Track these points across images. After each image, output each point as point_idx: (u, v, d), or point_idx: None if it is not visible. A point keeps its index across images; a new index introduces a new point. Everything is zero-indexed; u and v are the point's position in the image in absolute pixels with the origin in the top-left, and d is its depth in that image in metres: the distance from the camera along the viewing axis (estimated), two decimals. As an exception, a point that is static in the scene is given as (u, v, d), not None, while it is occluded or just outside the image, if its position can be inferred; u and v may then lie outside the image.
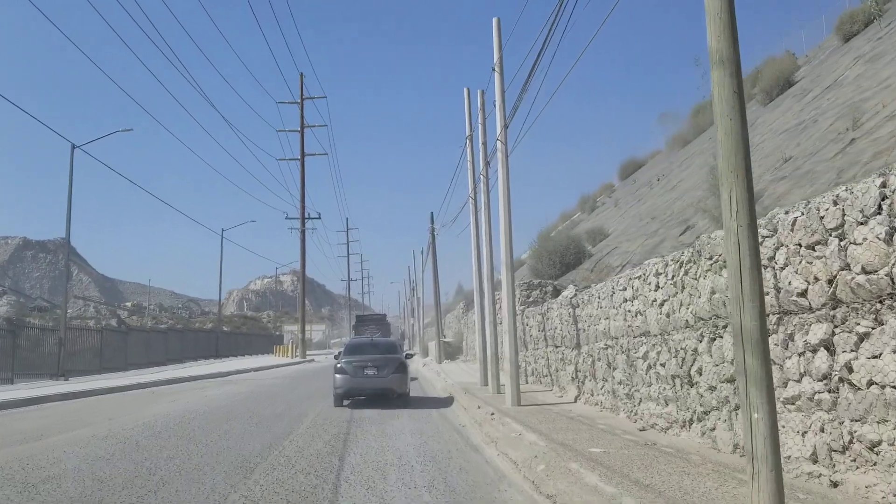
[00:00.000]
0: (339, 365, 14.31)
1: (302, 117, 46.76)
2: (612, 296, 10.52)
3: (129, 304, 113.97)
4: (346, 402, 14.39)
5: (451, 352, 34.71)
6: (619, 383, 10.19)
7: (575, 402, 12.67)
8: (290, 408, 14.02)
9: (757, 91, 23.93)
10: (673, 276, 8.08)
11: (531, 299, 18.72)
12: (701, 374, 7.37)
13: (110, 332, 33.16)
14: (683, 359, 7.74)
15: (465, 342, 33.81)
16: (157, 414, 12.84)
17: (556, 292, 18.26)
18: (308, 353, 69.15)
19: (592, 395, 11.75)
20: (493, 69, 13.07)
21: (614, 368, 10.44)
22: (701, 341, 7.34)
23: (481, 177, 15.68)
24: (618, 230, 22.35)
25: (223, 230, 48.38)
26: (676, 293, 7.99)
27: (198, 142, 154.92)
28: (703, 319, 7.27)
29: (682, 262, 7.78)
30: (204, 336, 56.65)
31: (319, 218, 47.46)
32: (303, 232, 46.25)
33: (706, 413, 7.31)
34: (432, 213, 34.80)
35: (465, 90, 17.54)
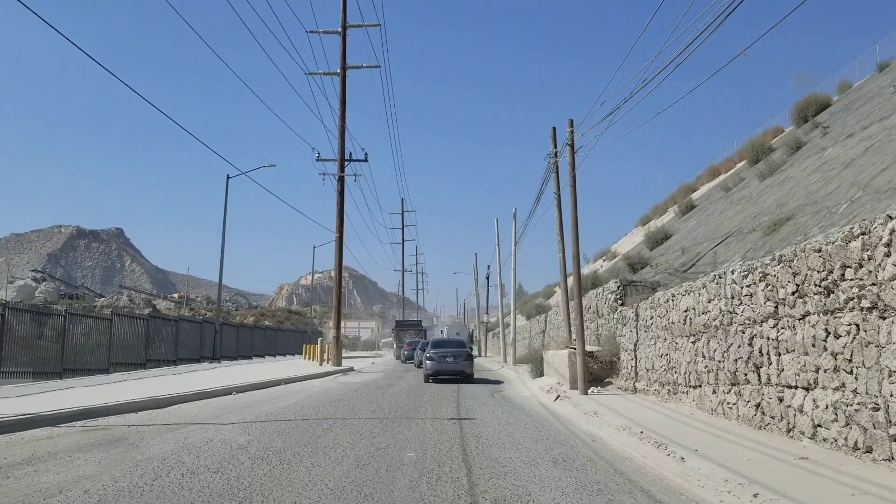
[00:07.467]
0: (427, 355, 22.22)
1: (345, 11, 31.67)
2: None
3: (175, 295, 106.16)
4: (430, 380, 21.80)
5: (593, 370, 18.94)
6: None
7: None
8: None
9: None
10: None
11: None
12: None
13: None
14: None
15: (631, 355, 17.86)
16: None
17: None
18: (348, 356, 51.03)
19: None
20: None
21: None
22: None
23: None
24: None
25: (229, 176, 34.24)
26: None
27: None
28: None
29: None
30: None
31: (366, 160, 32.29)
32: (341, 178, 31.11)
33: None
34: (559, 125, 18.94)
35: None
